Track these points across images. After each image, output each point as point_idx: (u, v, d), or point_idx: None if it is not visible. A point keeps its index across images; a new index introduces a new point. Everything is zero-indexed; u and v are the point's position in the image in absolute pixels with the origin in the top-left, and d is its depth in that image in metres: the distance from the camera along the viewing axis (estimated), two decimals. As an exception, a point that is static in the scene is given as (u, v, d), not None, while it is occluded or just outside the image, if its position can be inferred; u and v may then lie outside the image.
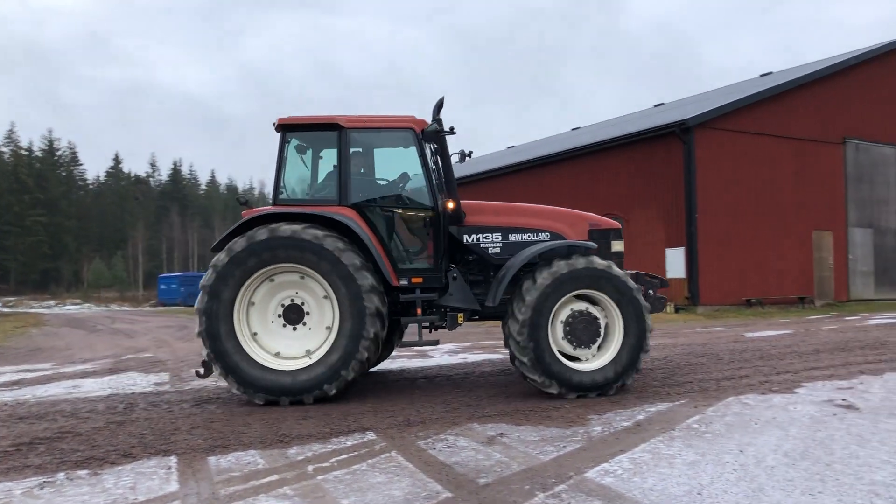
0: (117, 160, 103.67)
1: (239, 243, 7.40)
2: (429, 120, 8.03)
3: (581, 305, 7.66)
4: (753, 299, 22.77)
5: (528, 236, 8.43)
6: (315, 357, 7.48)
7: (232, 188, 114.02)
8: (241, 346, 7.39)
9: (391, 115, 8.29)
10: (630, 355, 7.63)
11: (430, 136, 8.00)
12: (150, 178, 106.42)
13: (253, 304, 7.53)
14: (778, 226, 23.81)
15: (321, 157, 8.42)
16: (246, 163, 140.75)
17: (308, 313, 7.64)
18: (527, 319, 7.45)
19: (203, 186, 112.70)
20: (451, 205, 8.06)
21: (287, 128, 8.04)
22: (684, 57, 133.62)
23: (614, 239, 8.56)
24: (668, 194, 22.78)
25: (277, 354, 7.51)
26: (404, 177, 8.37)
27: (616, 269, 7.65)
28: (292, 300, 7.63)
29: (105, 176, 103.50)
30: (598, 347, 7.65)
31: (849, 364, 8.81)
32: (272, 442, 5.61)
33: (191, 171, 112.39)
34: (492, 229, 8.40)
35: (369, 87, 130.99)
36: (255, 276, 7.43)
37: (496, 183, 30.32)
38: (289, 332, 7.59)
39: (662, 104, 36.50)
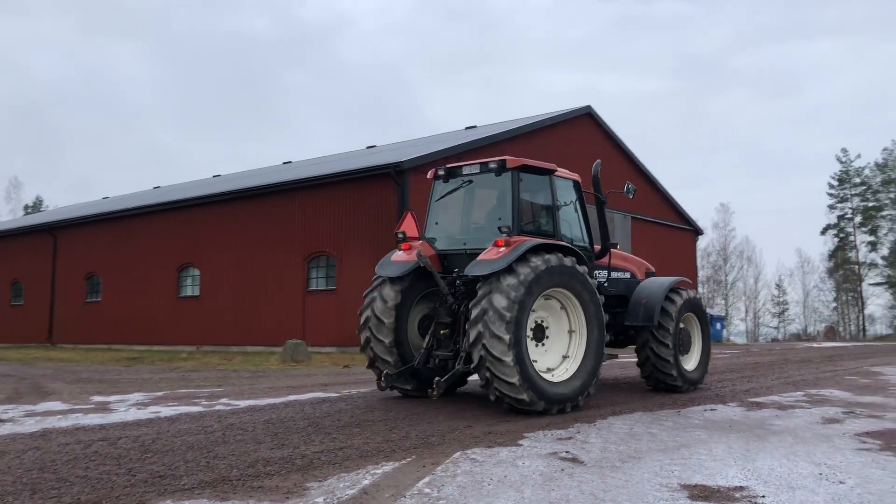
0: None
1: (537, 265, 8.61)
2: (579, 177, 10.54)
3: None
4: (457, 341, 23.40)
5: (620, 274, 11.18)
6: (571, 363, 9.14)
7: None
8: (530, 357, 8.58)
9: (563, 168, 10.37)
10: (707, 358, 11.63)
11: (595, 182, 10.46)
12: None
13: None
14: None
15: (529, 195, 9.83)
16: None
17: (547, 327, 9.15)
18: (673, 335, 10.66)
19: None
20: (618, 246, 11.09)
21: (517, 168, 9.53)
22: (395, 100, 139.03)
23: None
24: (382, 235, 22.73)
25: (549, 370, 9.03)
26: (566, 217, 10.15)
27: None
28: (535, 321, 8.96)
29: None
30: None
31: (562, 411, 8.88)
32: None
33: None
34: (602, 268, 10.83)
35: (59, 95, 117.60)
36: (540, 295, 8.75)
37: (202, 211, 28.32)
38: (540, 349, 9.03)
39: (375, 146, 37.04)
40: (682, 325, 10.89)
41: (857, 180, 67.15)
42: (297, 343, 19.50)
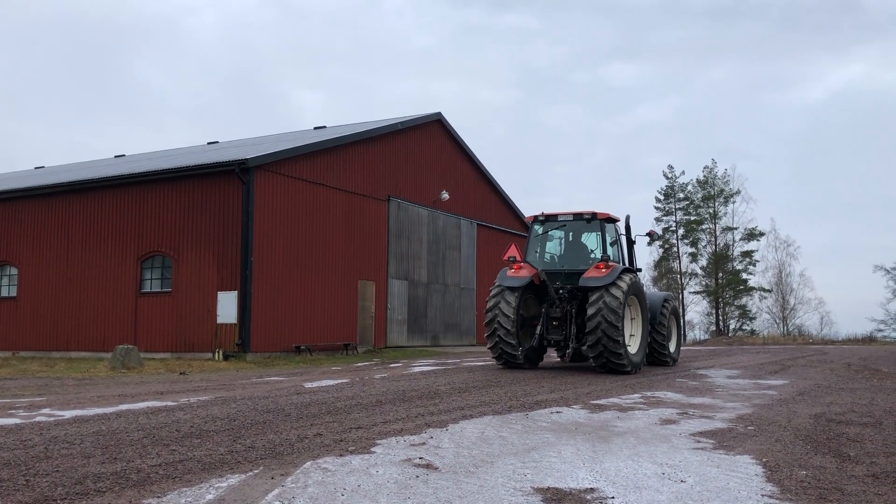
0: None
1: (624, 284, 14.34)
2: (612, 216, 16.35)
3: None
4: (302, 346, 22.88)
5: None
6: (636, 341, 15.19)
7: None
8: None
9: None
10: (680, 345, 18.11)
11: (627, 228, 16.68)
12: None
13: None
14: (328, 273, 24.49)
15: (613, 236, 16.16)
16: None
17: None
18: (666, 329, 16.91)
19: None
20: (642, 270, 20.16)
21: (604, 219, 15.59)
22: (241, 96, 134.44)
23: None
24: (224, 235, 21.84)
25: (629, 345, 14.64)
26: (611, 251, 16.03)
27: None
28: None
29: None
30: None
31: (413, 417, 8.78)
32: None
33: None
34: None
35: None
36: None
37: (21, 205, 26.05)
38: None
39: (217, 142, 35.67)
40: (668, 323, 16.99)
41: (681, 195, 72.14)
42: (129, 348, 18.30)
